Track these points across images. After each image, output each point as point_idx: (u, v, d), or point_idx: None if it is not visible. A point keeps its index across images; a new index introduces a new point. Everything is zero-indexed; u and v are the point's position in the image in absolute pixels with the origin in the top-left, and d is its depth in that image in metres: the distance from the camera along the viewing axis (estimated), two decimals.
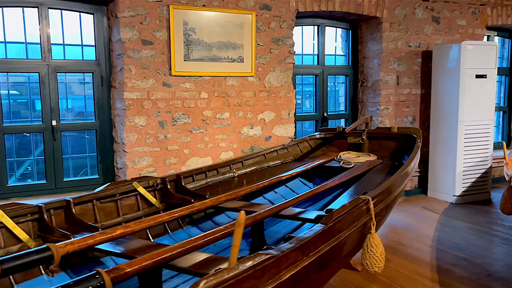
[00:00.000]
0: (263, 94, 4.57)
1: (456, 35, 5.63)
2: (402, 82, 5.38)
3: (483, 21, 5.79)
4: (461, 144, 5.05)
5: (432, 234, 4.04)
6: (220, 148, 4.39)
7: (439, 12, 5.48)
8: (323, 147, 4.49)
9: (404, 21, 5.28)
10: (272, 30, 4.55)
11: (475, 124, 5.09)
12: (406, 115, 5.48)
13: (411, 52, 5.38)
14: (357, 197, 2.22)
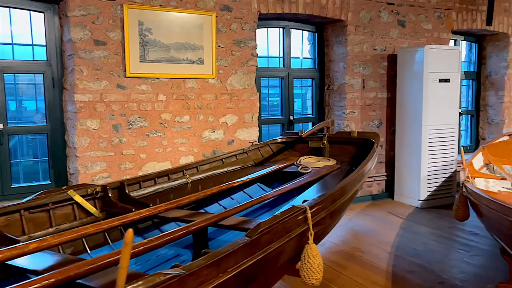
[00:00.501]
0: (225, 97, 4.47)
1: (422, 39, 5.63)
2: (368, 85, 5.35)
3: (449, 25, 5.81)
4: (425, 148, 5.03)
5: (392, 240, 3.99)
6: (180, 153, 4.26)
7: (405, 16, 5.47)
8: (285, 151, 4.40)
9: (369, 25, 5.25)
10: (234, 32, 4.45)
11: (439, 128, 5.08)
12: (372, 119, 5.44)
13: (376, 56, 5.35)
14: (292, 206, 2.12)
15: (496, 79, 6.53)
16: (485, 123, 6.72)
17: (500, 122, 6.53)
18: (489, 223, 2.80)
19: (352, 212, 4.96)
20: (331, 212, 2.52)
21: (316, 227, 2.31)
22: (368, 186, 5.51)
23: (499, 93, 6.51)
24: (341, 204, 2.67)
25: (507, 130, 6.48)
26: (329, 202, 2.47)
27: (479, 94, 6.74)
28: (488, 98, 6.66)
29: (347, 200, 2.84)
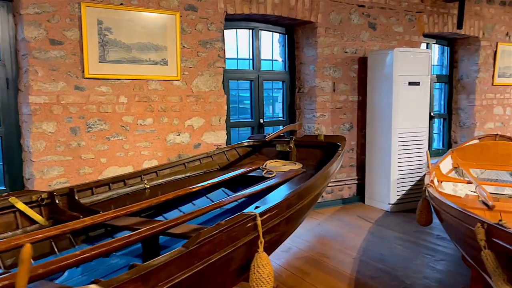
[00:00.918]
0: (191, 99, 4.35)
1: (393, 42, 5.61)
2: (338, 88, 5.30)
3: (420, 28, 5.81)
4: (395, 152, 5.00)
5: (359, 245, 3.93)
6: (143, 157, 4.12)
7: (376, 19, 5.45)
8: (252, 155, 4.31)
9: (340, 27, 5.21)
10: (199, 32, 4.34)
11: (409, 131, 5.06)
12: (343, 122, 5.39)
13: (347, 59, 5.31)
14: (240, 213, 2.02)
15: (467, 82, 6.57)
16: (457, 127, 6.76)
17: (471, 125, 6.57)
18: (449, 228, 2.75)
19: (321, 216, 4.89)
20: (286, 218, 2.43)
21: (268, 235, 2.22)
22: (339, 190, 5.45)
23: (470, 97, 6.55)
24: (299, 209, 2.58)
25: (478, 133, 6.52)
26: (283, 208, 2.37)
27: (451, 97, 6.77)
28: (460, 102, 6.69)
29: (306, 205, 2.75)
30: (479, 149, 4.78)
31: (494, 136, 5.85)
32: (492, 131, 6.71)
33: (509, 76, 6.78)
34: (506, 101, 6.85)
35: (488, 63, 6.52)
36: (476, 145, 4.83)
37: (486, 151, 4.73)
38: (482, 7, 6.35)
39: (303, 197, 2.62)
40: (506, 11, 6.61)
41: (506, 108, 6.87)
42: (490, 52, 6.52)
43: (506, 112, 6.88)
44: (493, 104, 6.70)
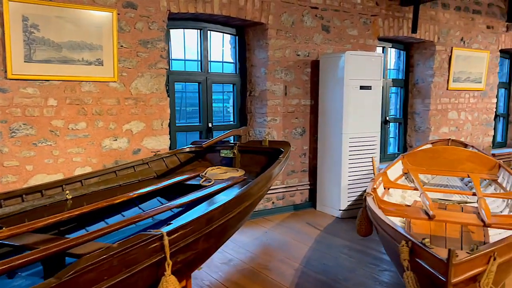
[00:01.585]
0: (130, 102, 4.10)
1: (348, 45, 5.52)
2: (290, 92, 5.16)
3: (375, 32, 5.74)
4: (346, 157, 4.89)
5: (303, 255, 3.78)
6: (75, 163, 3.84)
7: (329, 21, 5.34)
8: (195, 161, 4.09)
9: (292, 29, 5.06)
10: (139, 31, 4.10)
11: (360, 136, 4.97)
12: (295, 127, 5.25)
13: (299, 62, 5.17)
14: (140, 233, 1.81)
15: (423, 87, 6.57)
16: (413, 131, 6.75)
17: (426, 129, 6.57)
18: (382, 241, 2.63)
19: (270, 224, 4.73)
20: (206, 234, 2.23)
21: (183, 254, 2.02)
22: (290, 195, 5.31)
23: (425, 101, 6.55)
24: (225, 223, 2.39)
25: (433, 137, 6.53)
26: (202, 224, 2.17)
27: (407, 101, 6.76)
28: (416, 106, 6.68)
29: (235, 217, 2.57)
30: (429, 154, 4.73)
31: (447, 141, 5.85)
32: (447, 135, 6.74)
33: (463, 81, 6.82)
34: (460, 105, 6.89)
35: (443, 68, 6.54)
36: (426, 150, 4.78)
37: (436, 156, 4.69)
38: (437, 11, 6.36)
39: (231, 209, 2.43)
40: (461, 16, 6.65)
41: (461, 112, 6.92)
42: (445, 56, 6.54)
43: (460, 116, 6.92)
44: (448, 109, 6.73)
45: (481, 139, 7.29)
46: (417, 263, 1.73)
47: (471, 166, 4.53)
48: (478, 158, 4.52)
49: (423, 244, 1.69)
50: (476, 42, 6.89)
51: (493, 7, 7.05)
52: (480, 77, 7.02)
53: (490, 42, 7.08)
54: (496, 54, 7.22)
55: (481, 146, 7.30)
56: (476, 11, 6.83)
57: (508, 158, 7.80)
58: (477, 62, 6.91)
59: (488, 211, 2.90)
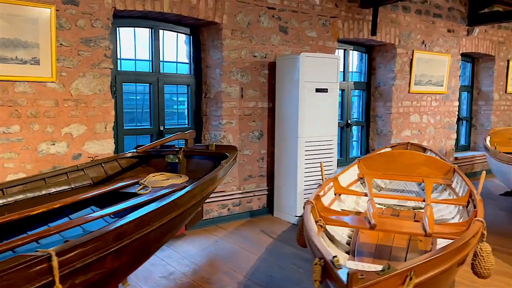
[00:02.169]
0: (69, 103, 3.86)
1: (306, 47, 5.40)
2: (247, 94, 5.00)
3: (334, 34, 5.65)
4: (301, 162, 4.77)
5: (251, 265, 3.62)
6: (6, 170, 3.58)
7: (287, 22, 5.21)
8: (139, 167, 3.89)
9: (248, 29, 4.91)
10: (81, 29, 3.87)
11: (316, 140, 4.86)
12: (252, 130, 5.10)
13: (256, 63, 5.02)
14: (19, 255, 1.61)
15: (384, 90, 6.53)
16: (375, 134, 6.70)
17: (388, 133, 6.53)
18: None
19: (222, 232, 4.56)
20: (116, 252, 2.01)
21: (82, 276, 1.82)
22: (247, 202, 5.15)
23: (387, 104, 6.51)
24: (142, 238, 2.20)
25: (395, 141, 6.49)
26: (108, 241, 1.95)
27: (370, 104, 6.71)
28: (378, 109, 6.64)
29: (159, 232, 2.38)
30: (385, 158, 4.64)
31: (406, 144, 5.81)
32: (409, 138, 6.72)
33: (425, 84, 6.82)
34: (422, 108, 6.89)
35: (404, 71, 6.51)
36: (382, 154, 4.70)
37: (392, 160, 4.61)
38: (398, 14, 6.32)
39: (150, 222, 2.24)
40: (422, 20, 6.65)
41: (423, 116, 6.91)
42: (406, 59, 6.52)
43: (423, 120, 6.92)
44: (409, 112, 6.71)
45: (443, 142, 7.31)
46: (327, 285, 1.58)
47: (426, 171, 4.47)
48: (434, 162, 4.46)
49: (332, 262, 1.54)
50: (437, 45, 6.90)
51: (454, 11, 7.09)
52: (442, 80, 7.04)
53: (451, 46, 7.11)
54: (457, 58, 7.26)
55: (444, 150, 7.33)
56: (437, 15, 6.85)
57: (471, 161, 7.86)
58: (438, 66, 6.92)
59: (432, 220, 2.80)
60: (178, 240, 4.21)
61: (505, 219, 5.10)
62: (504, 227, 4.77)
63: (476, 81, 8.22)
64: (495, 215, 5.26)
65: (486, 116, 8.15)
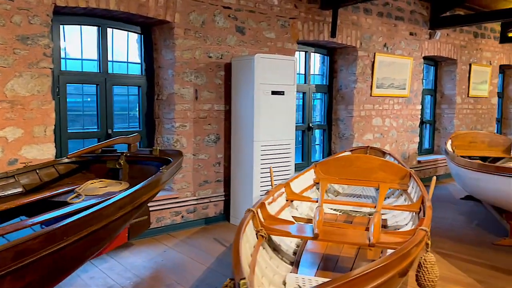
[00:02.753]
0: (4, 105, 3.59)
1: (265, 48, 5.27)
2: (202, 96, 4.82)
3: (294, 35, 5.54)
4: (257, 166, 4.62)
5: (197, 277, 3.43)
6: None
7: (244, 22, 5.06)
8: (79, 173, 3.64)
9: (203, 29, 4.73)
10: (17, 26, 3.60)
11: (273, 144, 4.71)
12: (208, 133, 4.91)
13: (212, 64, 4.85)
14: None
15: (346, 93, 6.46)
16: (337, 138, 6.62)
17: (350, 136, 6.46)
18: None
19: (173, 241, 4.35)
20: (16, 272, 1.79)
21: None
22: (203, 208, 4.95)
23: (348, 107, 6.44)
24: (54, 255, 1.98)
25: (357, 144, 6.43)
26: (6, 259, 1.73)
27: (332, 108, 6.63)
28: (340, 112, 6.56)
29: (78, 247, 2.16)
30: (341, 163, 4.54)
31: (366, 148, 5.75)
32: (371, 142, 6.68)
33: (387, 87, 6.80)
34: (385, 112, 6.86)
35: (366, 74, 6.46)
36: (339, 158, 4.60)
37: (349, 165, 4.51)
38: (359, 16, 6.27)
39: (63, 237, 2.02)
40: (384, 22, 6.62)
41: (385, 119, 6.88)
42: (368, 62, 6.47)
43: (385, 123, 6.89)
44: (371, 115, 6.66)
45: (406, 146, 7.31)
46: None
47: (383, 176, 4.39)
48: (390, 167, 4.39)
49: (238, 284, 1.39)
50: (399, 48, 6.90)
51: (416, 14, 7.10)
52: (404, 84, 7.03)
53: (413, 49, 7.12)
54: (419, 61, 7.28)
55: (407, 153, 7.33)
56: (399, 18, 6.84)
57: (434, 164, 7.90)
58: (400, 69, 6.91)
59: (377, 228, 2.69)
60: (123, 250, 3.98)
61: (463, 223, 5.09)
62: (461, 232, 4.74)
63: (439, 85, 8.28)
64: (454, 220, 5.25)
65: (449, 119, 8.22)
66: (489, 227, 4.84)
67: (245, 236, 2.35)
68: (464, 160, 4.90)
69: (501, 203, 4.36)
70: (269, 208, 3.15)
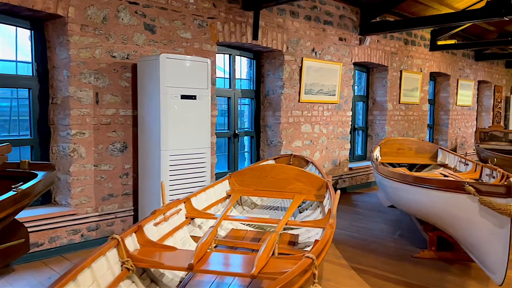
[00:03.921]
0: None
1: (179, 49, 4.85)
2: (104, 100, 4.32)
3: (213, 36, 5.17)
4: (165, 178, 4.18)
5: None
6: None
7: (154, 20, 4.62)
8: None
9: (105, 26, 4.25)
10: None
11: (184, 153, 4.30)
12: (113, 142, 4.41)
13: (116, 64, 4.37)
14: None
15: (273, 98, 6.18)
16: (265, 145, 6.32)
17: (278, 143, 6.18)
18: None
19: (65, 264, 3.83)
20: None
21: None
22: (107, 225, 4.44)
23: (276, 114, 6.16)
24: None
25: (285, 151, 6.16)
26: None
27: (259, 114, 6.32)
28: (267, 119, 6.27)
29: None
30: (257, 173, 4.22)
31: (289, 156, 5.49)
32: (301, 149, 6.44)
33: (316, 93, 6.60)
34: (314, 118, 6.65)
35: (293, 79, 6.22)
36: (254, 168, 4.27)
37: (264, 175, 4.20)
38: (286, 19, 6.02)
39: None
40: (312, 26, 6.42)
41: (315, 126, 6.68)
42: (295, 67, 6.23)
43: (314, 129, 6.68)
44: (300, 122, 6.43)
45: (337, 152, 7.15)
46: None
47: (300, 186, 4.11)
48: (307, 177, 4.11)
49: None
50: (328, 53, 6.73)
51: (345, 19, 6.99)
52: (334, 90, 6.88)
53: (343, 55, 6.99)
54: (349, 67, 7.16)
55: (338, 160, 7.17)
56: (328, 22, 6.68)
57: (366, 171, 7.81)
58: (330, 74, 6.75)
59: (266, 253, 2.34)
60: (0, 278, 3.40)
61: (386, 234, 4.91)
62: (382, 244, 4.54)
63: (371, 91, 8.24)
64: (377, 230, 5.07)
65: (381, 126, 8.19)
66: (412, 238, 4.69)
67: (91, 272, 1.91)
68: (386, 170, 4.73)
69: (420, 215, 4.21)
70: (154, 230, 2.73)
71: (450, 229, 3.68)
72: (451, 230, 3.68)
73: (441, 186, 3.53)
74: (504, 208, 2.88)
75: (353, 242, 4.58)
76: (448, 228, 3.70)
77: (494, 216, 3.05)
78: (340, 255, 4.21)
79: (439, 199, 3.57)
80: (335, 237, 4.75)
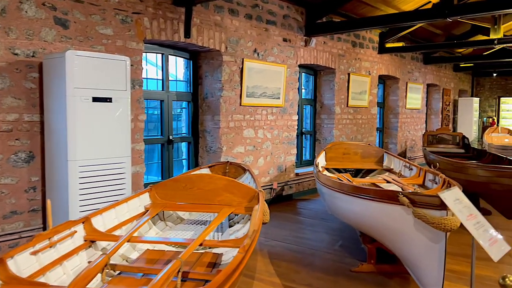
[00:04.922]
0: None
1: (99, 47, 4.36)
2: (3, 104, 3.76)
3: (139, 33, 4.70)
4: (75, 192, 3.67)
5: None
6: None
7: (67, 14, 4.11)
8: None
9: (4, 18, 3.70)
10: None
11: (97, 164, 3.80)
12: (16, 151, 3.86)
13: (19, 63, 3.82)
14: None
15: (212, 101, 5.78)
16: (204, 151, 5.90)
17: (218, 150, 5.77)
18: None
19: None
20: None
21: None
22: (10, 246, 3.87)
23: (215, 118, 5.76)
24: None
25: (225, 158, 5.76)
26: None
27: (197, 118, 5.90)
28: (206, 123, 5.86)
29: None
30: (182, 184, 3.80)
31: (225, 164, 5.10)
32: (243, 155, 6.07)
33: (259, 96, 6.26)
34: (257, 122, 6.30)
35: (233, 81, 5.85)
36: (178, 179, 3.84)
37: (190, 187, 3.78)
38: (224, 17, 5.65)
39: None
40: (254, 26, 6.08)
41: (258, 130, 6.33)
42: (235, 68, 5.86)
43: (258, 134, 6.33)
44: (242, 126, 6.06)
45: (283, 158, 6.84)
46: None
47: (229, 198, 3.72)
48: (237, 187, 3.73)
49: None
50: (271, 55, 6.41)
51: (289, 19, 6.70)
52: (279, 93, 6.56)
53: (287, 56, 6.70)
54: (295, 69, 6.88)
55: (284, 166, 6.85)
56: (271, 22, 6.37)
57: (313, 177, 7.52)
58: (273, 77, 6.43)
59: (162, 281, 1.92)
60: None
61: (326, 245, 4.60)
62: (321, 257, 4.23)
63: (319, 94, 8.01)
64: (318, 241, 4.76)
65: (328, 130, 7.97)
66: (352, 249, 4.40)
67: None
68: (323, 177, 4.44)
69: (358, 226, 3.93)
70: (31, 260, 2.25)
71: (387, 242, 3.41)
72: (387, 243, 3.41)
73: (376, 196, 3.25)
74: (438, 222, 2.61)
75: (290, 256, 4.24)
76: (385, 240, 3.43)
77: (429, 230, 2.78)
78: (274, 271, 3.85)
79: (375, 210, 3.30)
80: (271, 251, 4.41)
